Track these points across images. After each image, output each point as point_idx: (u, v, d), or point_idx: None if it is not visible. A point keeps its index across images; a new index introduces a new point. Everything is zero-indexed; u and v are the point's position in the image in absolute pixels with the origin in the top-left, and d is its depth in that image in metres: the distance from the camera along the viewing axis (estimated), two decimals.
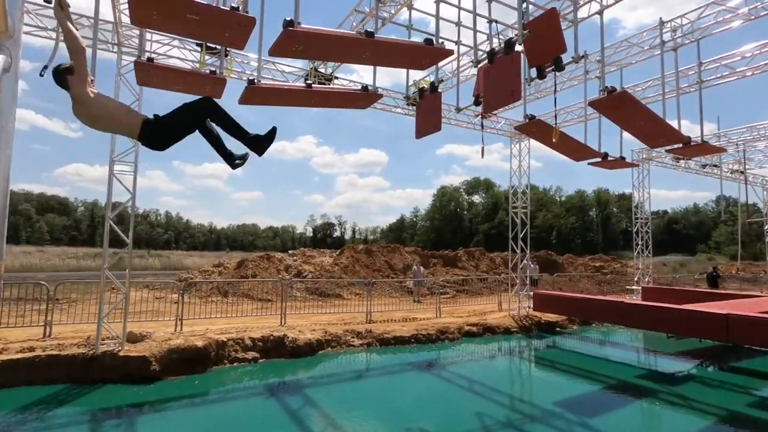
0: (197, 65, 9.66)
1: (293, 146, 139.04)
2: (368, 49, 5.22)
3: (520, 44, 6.27)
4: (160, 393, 7.57)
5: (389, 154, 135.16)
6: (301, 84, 7.19)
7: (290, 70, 10.73)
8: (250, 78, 6.73)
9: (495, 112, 13.14)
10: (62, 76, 2.96)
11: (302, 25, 4.73)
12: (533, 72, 6.86)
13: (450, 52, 5.77)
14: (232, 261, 21.28)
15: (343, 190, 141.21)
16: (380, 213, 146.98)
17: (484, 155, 8.89)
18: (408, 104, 10.50)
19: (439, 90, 7.67)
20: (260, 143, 3.76)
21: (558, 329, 13.84)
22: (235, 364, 9.29)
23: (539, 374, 9.81)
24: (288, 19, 4.75)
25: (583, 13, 8.24)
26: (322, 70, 10.29)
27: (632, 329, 13.10)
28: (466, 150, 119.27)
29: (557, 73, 7.46)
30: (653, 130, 8.32)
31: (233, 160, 3.79)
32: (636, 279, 17.14)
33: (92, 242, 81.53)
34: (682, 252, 66.03)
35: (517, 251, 14.39)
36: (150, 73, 5.77)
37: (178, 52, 9.43)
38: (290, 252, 24.17)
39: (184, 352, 8.61)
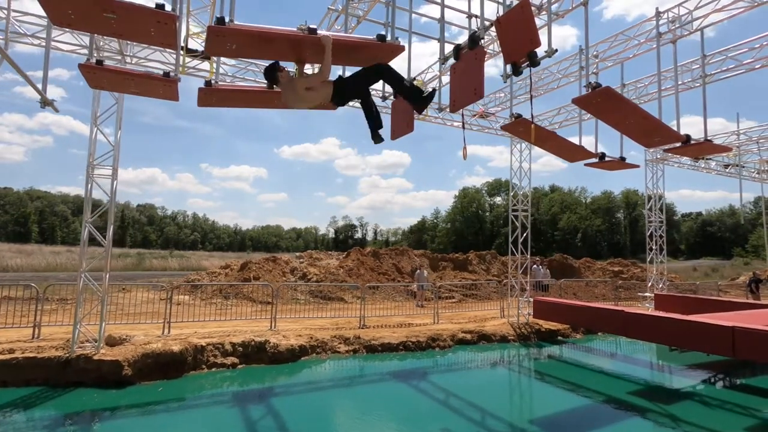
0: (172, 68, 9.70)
1: (316, 148, 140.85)
2: (310, 47, 4.99)
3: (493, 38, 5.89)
4: (129, 398, 7.55)
5: (412, 155, 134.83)
6: (262, 85, 7.03)
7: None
8: (207, 80, 6.59)
9: (491, 112, 12.71)
10: (273, 72, 4.54)
11: (234, 23, 4.55)
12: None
13: (401, 49, 5.46)
14: (238, 263, 21.45)
15: (366, 191, 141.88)
16: (403, 214, 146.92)
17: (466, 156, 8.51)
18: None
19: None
20: (423, 101, 4.85)
21: (560, 338, 13.21)
22: (213, 369, 9.22)
23: (523, 388, 9.30)
24: (218, 17, 4.59)
25: (566, 4, 7.76)
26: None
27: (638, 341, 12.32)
28: (489, 151, 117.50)
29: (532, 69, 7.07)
30: (646, 129, 7.74)
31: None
32: (649, 285, 16.21)
33: (122, 243, 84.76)
34: (717, 256, 62.77)
35: (518, 255, 13.82)
36: (99, 76, 5.70)
37: (159, 56, 9.47)
38: (297, 254, 24.20)
39: (160, 357, 8.59)
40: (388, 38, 5.47)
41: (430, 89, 4.66)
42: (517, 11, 6.32)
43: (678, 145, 8.36)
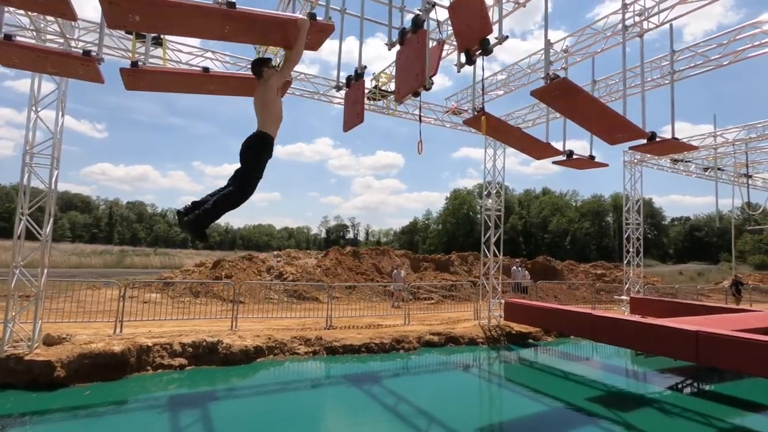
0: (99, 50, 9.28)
1: (310, 148, 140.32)
2: (227, 21, 4.60)
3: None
4: (57, 402, 7.12)
5: (405, 156, 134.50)
6: (197, 68, 6.63)
7: (234, 61, 10.24)
8: (133, 61, 6.18)
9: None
10: (260, 66, 4.05)
11: None
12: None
13: (331, 28, 5.09)
14: (211, 261, 20.98)
15: (360, 192, 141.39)
16: (396, 215, 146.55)
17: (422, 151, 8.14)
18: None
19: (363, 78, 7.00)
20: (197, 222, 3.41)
21: (530, 341, 12.89)
22: (159, 371, 8.79)
23: (478, 393, 8.93)
24: None
25: None
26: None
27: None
28: (482, 153, 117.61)
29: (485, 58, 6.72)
30: (608, 124, 7.44)
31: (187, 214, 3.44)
32: (626, 288, 15.96)
33: (109, 240, 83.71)
34: (704, 260, 62.99)
35: (489, 256, 13.49)
36: (9, 52, 5.28)
37: (114, 42, 9.06)
38: (275, 253, 23.76)
39: (99, 358, 8.15)
40: (320, 17, 5.12)
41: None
42: None
43: (643, 142, 8.06)
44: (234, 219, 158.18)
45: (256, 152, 3.77)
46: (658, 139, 7.88)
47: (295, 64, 4.61)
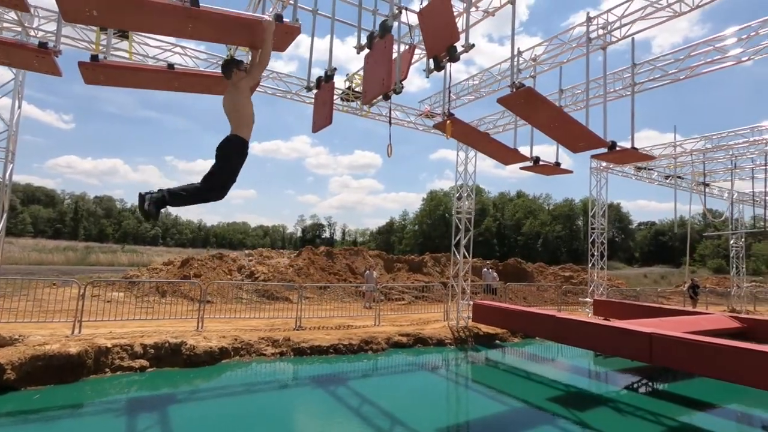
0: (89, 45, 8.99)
1: (287, 145, 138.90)
2: (191, 20, 4.52)
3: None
4: (7, 405, 6.83)
5: (383, 156, 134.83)
6: (162, 64, 6.50)
7: (204, 57, 10.06)
8: (94, 54, 5.99)
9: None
10: (230, 67, 4.06)
11: None
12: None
13: (297, 30, 5.08)
14: (180, 259, 20.50)
15: (337, 191, 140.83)
16: (373, 215, 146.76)
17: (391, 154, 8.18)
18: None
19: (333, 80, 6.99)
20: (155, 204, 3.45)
21: (497, 342, 13.15)
22: (118, 373, 8.54)
23: (442, 393, 9.00)
24: None
25: (495, 2, 7.61)
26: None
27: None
28: (462, 154, 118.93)
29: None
30: (570, 133, 7.67)
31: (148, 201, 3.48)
32: (590, 291, 16.49)
33: (75, 235, 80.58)
34: (668, 264, 65.61)
35: (459, 258, 13.70)
36: None
37: (77, 32, 8.75)
38: (246, 252, 23.42)
39: (53, 360, 7.86)
40: (287, 19, 5.10)
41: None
42: (436, 3, 6.07)
43: (604, 150, 8.35)
44: (208, 216, 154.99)
45: (229, 157, 3.79)
46: (617, 149, 8.18)
47: (264, 66, 4.57)
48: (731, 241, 20.99)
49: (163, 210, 3.52)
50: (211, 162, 3.91)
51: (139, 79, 6.06)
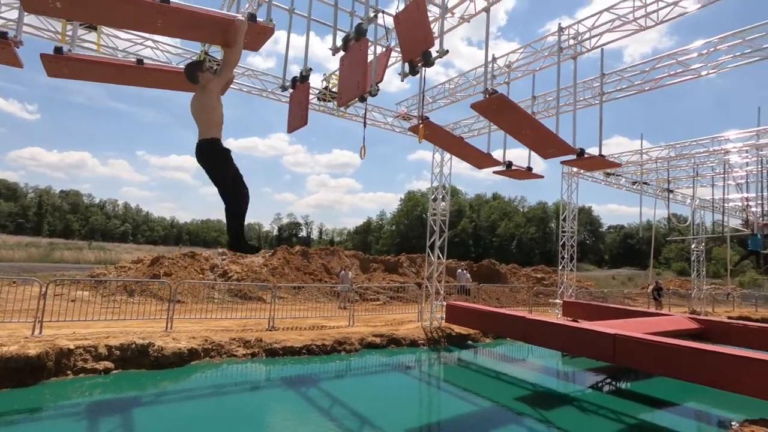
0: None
1: (264, 143, 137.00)
2: (160, 15, 4.43)
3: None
4: None
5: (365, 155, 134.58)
6: (131, 59, 6.34)
7: (177, 52, 9.84)
8: (57, 47, 5.79)
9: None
10: (194, 71, 3.92)
11: None
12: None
13: (271, 30, 5.05)
14: (150, 257, 19.98)
15: (315, 189, 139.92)
16: (351, 215, 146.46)
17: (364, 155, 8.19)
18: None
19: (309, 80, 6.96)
20: (241, 247, 3.86)
21: (469, 342, 13.36)
22: (81, 375, 8.26)
23: (412, 394, 9.08)
24: None
25: (470, 9, 7.73)
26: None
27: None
28: (438, 156, 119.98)
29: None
30: (541, 139, 7.87)
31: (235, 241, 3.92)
32: (560, 292, 16.94)
33: (39, 231, 77.30)
34: (635, 266, 67.97)
35: (434, 259, 13.85)
36: None
37: (42, 22, 8.42)
38: (219, 250, 23.01)
39: (10, 362, 7.54)
40: (260, 20, 5.06)
41: (256, 246, 4.06)
42: (412, 8, 6.13)
43: (573, 157, 8.61)
44: (180, 213, 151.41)
45: (219, 166, 3.79)
46: (586, 156, 8.45)
47: (232, 66, 4.51)
48: (693, 246, 21.95)
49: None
50: (186, 158, 3.96)
51: (107, 74, 5.90)
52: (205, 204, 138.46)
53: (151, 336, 9.68)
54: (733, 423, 7.51)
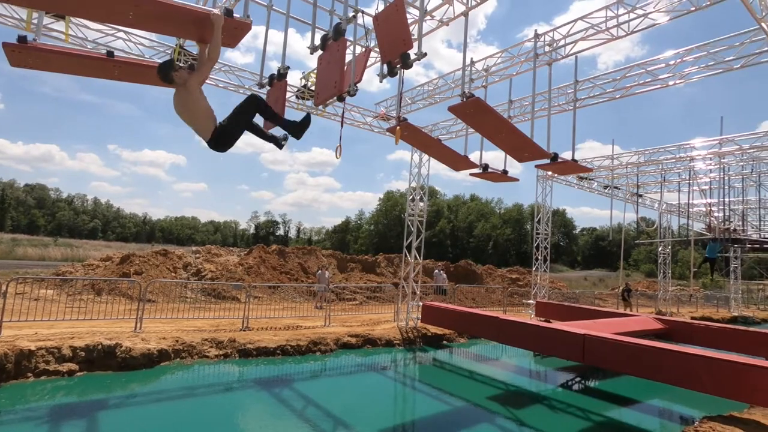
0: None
1: (242, 139, 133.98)
2: (131, 7, 4.29)
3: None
4: None
5: (342, 155, 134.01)
6: (102, 50, 6.13)
7: (150, 44, 9.57)
8: (21, 36, 5.55)
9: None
10: (166, 72, 3.98)
11: None
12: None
13: (248, 26, 4.97)
14: (120, 255, 19.37)
15: (293, 188, 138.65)
16: (329, 214, 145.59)
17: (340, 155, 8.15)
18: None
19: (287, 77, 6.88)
20: (299, 128, 4.57)
21: (445, 342, 13.49)
22: (43, 377, 7.94)
23: (386, 395, 9.03)
24: None
25: (449, 13, 7.80)
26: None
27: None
28: (417, 157, 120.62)
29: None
30: (516, 144, 8.00)
31: (279, 142, 4.90)
32: (533, 293, 17.30)
33: (1, 226, 73.92)
34: (606, 267, 70.07)
35: (411, 260, 13.92)
36: None
37: (5, 8, 8.04)
38: (193, 249, 22.53)
39: None
40: (237, 15, 4.97)
41: (304, 115, 4.60)
42: (391, 9, 6.13)
43: (547, 161, 8.79)
44: (153, 210, 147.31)
45: (235, 135, 4.21)
46: (559, 160, 8.65)
47: (212, 63, 4.41)
48: (659, 249, 22.77)
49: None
50: (159, 152, 4.09)
51: (73, 65, 5.70)
52: (179, 200, 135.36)
53: (119, 336, 9.40)
54: (693, 420, 7.83)
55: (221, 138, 4.10)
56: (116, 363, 8.74)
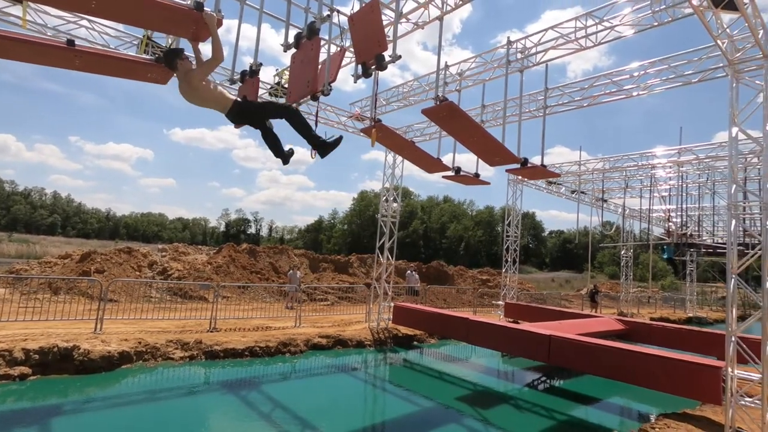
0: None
1: (214, 135, 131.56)
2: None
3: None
4: None
5: (316, 153, 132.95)
6: (61, 40, 5.84)
7: (116, 34, 9.19)
8: None
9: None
10: (174, 57, 4.25)
11: None
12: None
13: (219, 22, 4.84)
14: (80, 252, 18.53)
15: (265, 185, 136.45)
16: (302, 213, 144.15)
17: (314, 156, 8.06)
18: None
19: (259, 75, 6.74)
20: (326, 147, 4.70)
21: (415, 343, 13.57)
22: None
23: (355, 396, 9.00)
24: None
25: (425, 16, 7.85)
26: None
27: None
28: (391, 158, 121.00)
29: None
30: (488, 148, 8.12)
31: (286, 155, 5.06)
32: (503, 294, 17.65)
33: None
34: (573, 269, 72.28)
35: (383, 261, 13.94)
36: None
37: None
38: (159, 246, 21.82)
39: None
40: (208, 9, 4.84)
41: (337, 137, 4.75)
42: (366, 10, 6.10)
43: (517, 166, 8.98)
44: (117, 205, 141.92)
45: (251, 112, 4.62)
46: (529, 165, 8.85)
47: (217, 62, 4.57)
48: (622, 252, 23.69)
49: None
50: (125, 146, 4.13)
51: (31, 53, 5.40)
52: (145, 196, 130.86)
53: (77, 338, 8.98)
54: (651, 417, 8.18)
55: (238, 115, 4.48)
56: (73, 366, 8.35)
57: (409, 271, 21.60)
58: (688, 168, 15.52)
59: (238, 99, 4.56)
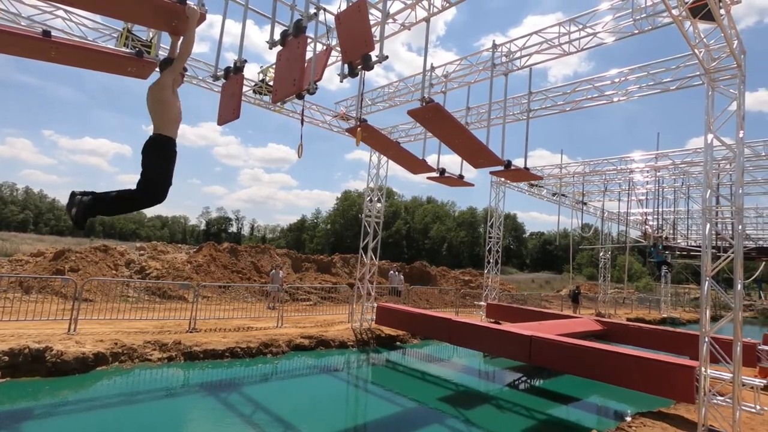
0: None
1: (194, 131, 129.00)
2: None
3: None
4: None
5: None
6: (37, 29, 5.64)
7: (94, 26, 8.92)
8: None
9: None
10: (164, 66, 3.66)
11: None
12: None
13: (202, 17, 4.75)
14: (54, 250, 17.95)
15: (247, 184, 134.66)
16: (285, 212, 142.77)
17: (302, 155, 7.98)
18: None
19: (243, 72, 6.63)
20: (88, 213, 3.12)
21: (398, 344, 13.58)
22: None
23: (337, 397, 8.95)
24: None
25: (411, 18, 7.86)
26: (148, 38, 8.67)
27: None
28: (375, 158, 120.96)
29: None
30: (472, 150, 8.17)
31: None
32: (484, 295, 17.82)
33: None
34: (553, 270, 73.52)
35: (366, 261, 13.91)
36: None
37: None
38: (137, 245, 21.31)
39: None
40: (191, 3, 4.73)
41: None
42: (353, 9, 6.06)
43: (501, 168, 9.07)
44: None
45: (155, 157, 3.43)
46: (512, 168, 8.95)
47: (184, 58, 4.13)
48: (600, 253, 24.20)
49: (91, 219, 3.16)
50: (102, 141, 3.62)
51: (2, 43, 5.19)
52: None
53: (50, 339, 8.70)
54: (626, 416, 8.37)
55: (158, 147, 3.45)
56: (45, 368, 8.07)
57: (392, 272, 21.62)
58: (664, 173, 15.97)
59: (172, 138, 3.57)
